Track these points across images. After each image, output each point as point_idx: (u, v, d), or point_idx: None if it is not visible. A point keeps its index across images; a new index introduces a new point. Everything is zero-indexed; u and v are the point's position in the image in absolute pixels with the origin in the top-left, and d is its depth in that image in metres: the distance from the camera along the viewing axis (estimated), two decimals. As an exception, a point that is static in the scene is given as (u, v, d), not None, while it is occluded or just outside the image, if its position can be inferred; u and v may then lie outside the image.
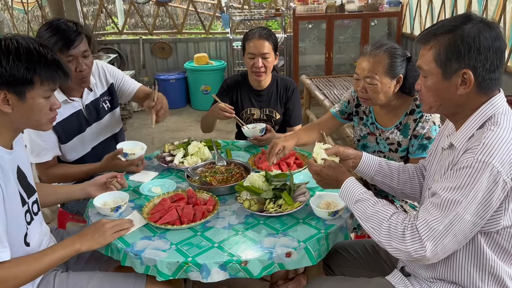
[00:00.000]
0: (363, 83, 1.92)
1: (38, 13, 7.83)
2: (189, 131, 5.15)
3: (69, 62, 1.93)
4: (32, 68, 1.31)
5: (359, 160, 1.66)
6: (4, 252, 1.29)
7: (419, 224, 1.24)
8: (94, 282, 1.52)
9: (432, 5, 5.20)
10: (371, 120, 2.14)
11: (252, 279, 2.47)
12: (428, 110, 1.38)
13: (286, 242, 1.50)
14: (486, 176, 1.16)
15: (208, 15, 6.89)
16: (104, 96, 2.26)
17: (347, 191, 1.46)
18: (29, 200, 1.47)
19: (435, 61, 1.26)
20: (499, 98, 1.28)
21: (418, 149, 1.96)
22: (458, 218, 1.19)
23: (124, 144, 2.11)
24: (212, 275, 1.42)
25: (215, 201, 1.73)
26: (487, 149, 1.18)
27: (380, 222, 1.31)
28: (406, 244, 1.24)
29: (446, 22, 1.27)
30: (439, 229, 1.21)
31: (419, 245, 1.22)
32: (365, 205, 1.39)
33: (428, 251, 1.21)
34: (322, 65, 6.02)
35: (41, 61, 1.33)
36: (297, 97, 2.63)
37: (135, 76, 6.28)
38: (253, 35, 2.45)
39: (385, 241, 1.29)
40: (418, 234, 1.23)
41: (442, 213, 1.21)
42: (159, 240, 1.53)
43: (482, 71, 1.22)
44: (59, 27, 1.92)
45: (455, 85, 1.26)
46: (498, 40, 1.22)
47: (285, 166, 2.05)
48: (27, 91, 1.33)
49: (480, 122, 1.27)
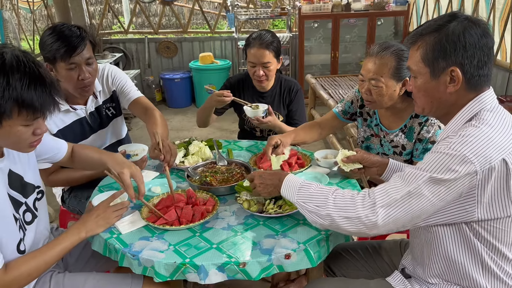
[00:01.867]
0: (368, 84, 1.88)
1: (44, 13, 7.88)
2: (194, 131, 5.14)
3: (71, 70, 1.88)
4: (7, 98, 1.17)
5: (384, 167, 1.65)
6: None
7: (377, 190, 1.25)
8: (90, 283, 1.51)
9: (439, 4, 5.14)
10: (375, 121, 2.11)
11: (253, 281, 2.48)
12: (421, 111, 1.37)
13: (285, 243, 1.48)
14: (456, 162, 1.15)
15: (214, 14, 6.88)
16: (107, 103, 2.22)
17: (289, 183, 1.46)
18: (27, 199, 1.45)
19: (423, 60, 1.27)
20: (487, 94, 1.26)
21: (423, 153, 1.92)
22: (417, 191, 1.19)
23: (125, 147, 2.09)
24: (210, 277, 1.40)
25: (214, 202, 1.71)
26: (463, 141, 1.17)
27: (326, 196, 1.33)
28: (356, 208, 1.25)
29: (432, 22, 1.28)
30: (396, 197, 1.21)
31: (371, 211, 1.22)
32: (309, 187, 1.40)
33: (380, 217, 1.21)
34: (328, 65, 5.99)
35: (21, 88, 1.18)
36: (300, 98, 2.61)
37: (141, 75, 6.29)
38: (254, 44, 2.40)
39: (334, 212, 1.29)
40: (373, 199, 1.23)
41: (402, 183, 1.22)
42: (157, 241, 1.51)
43: (470, 67, 1.21)
44: (63, 33, 1.85)
45: (444, 83, 1.25)
46: (484, 37, 1.21)
47: (287, 167, 2.02)
48: (3, 120, 1.20)
49: (466, 118, 1.26)
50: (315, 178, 1.91)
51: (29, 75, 1.21)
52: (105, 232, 1.56)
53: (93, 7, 8.26)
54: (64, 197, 2.25)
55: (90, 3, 7.51)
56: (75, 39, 1.85)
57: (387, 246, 1.74)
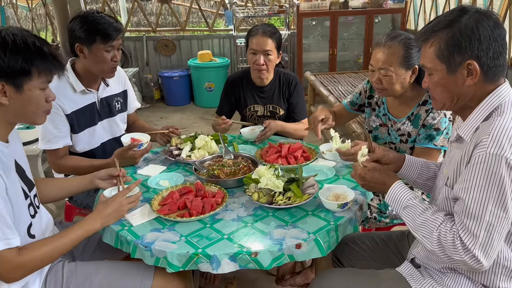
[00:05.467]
0: (378, 74, 1.91)
1: (41, 11, 7.84)
2: (193, 128, 5.15)
3: (107, 52, 2.01)
4: (29, 59, 1.32)
5: (401, 164, 1.62)
6: (15, 239, 1.31)
7: (463, 235, 1.21)
8: (102, 271, 1.53)
9: (437, 1, 5.18)
10: (384, 111, 2.13)
11: (259, 274, 2.50)
12: (441, 106, 1.37)
13: (296, 233, 1.50)
14: (503, 168, 1.15)
15: (211, 13, 6.89)
16: (118, 96, 2.31)
17: (394, 197, 1.43)
18: (30, 193, 1.48)
19: (438, 57, 1.27)
20: (504, 88, 1.28)
21: (425, 138, 1.95)
22: (494, 216, 1.18)
23: (127, 136, 2.10)
24: (222, 266, 1.41)
25: (223, 194, 1.72)
26: (497, 141, 1.17)
27: (430, 231, 1.28)
28: (460, 254, 1.21)
29: (442, 18, 1.28)
30: (482, 234, 1.19)
31: (471, 256, 1.20)
32: (414, 212, 1.35)
33: (482, 260, 1.19)
34: (326, 62, 6.01)
35: (38, 53, 1.34)
36: (300, 91, 2.62)
37: (139, 73, 6.29)
38: (257, 32, 2.44)
39: (438, 251, 1.26)
40: (466, 245, 1.20)
41: (476, 219, 1.19)
42: (169, 232, 1.52)
43: (486, 59, 1.22)
44: (106, 18, 2.01)
45: (462, 77, 1.26)
46: (497, 28, 1.22)
47: (293, 159, 2.04)
48: (25, 82, 1.33)
49: (486, 113, 1.27)
50: (321, 171, 1.93)
51: (39, 39, 1.37)
52: (116, 225, 1.58)
53: (89, 6, 8.24)
54: (72, 190, 2.26)
55: (88, 2, 7.50)
56: (117, 25, 2.03)
57: (395, 237, 1.76)
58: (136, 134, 2.13)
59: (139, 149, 2.02)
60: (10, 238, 1.29)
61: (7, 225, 1.29)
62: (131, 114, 2.47)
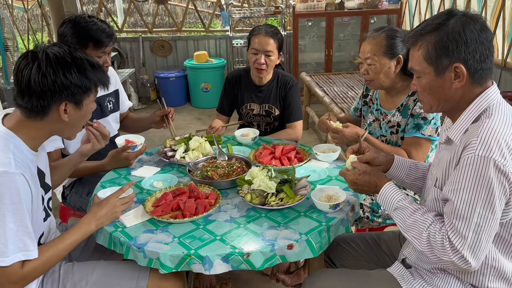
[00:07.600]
0: (365, 65, 2.00)
1: (37, 12, 7.84)
2: (190, 129, 5.16)
3: (99, 58, 2.00)
4: (89, 76, 1.39)
5: (390, 164, 1.64)
6: (35, 251, 1.34)
7: (452, 236, 1.23)
8: (98, 271, 1.54)
9: (432, 2, 5.20)
10: (377, 106, 2.19)
11: (254, 274, 2.51)
12: (429, 109, 1.39)
13: (287, 234, 1.51)
14: (491, 170, 1.17)
15: (208, 13, 6.89)
16: (109, 96, 2.32)
17: (386, 198, 1.45)
18: (45, 196, 1.51)
19: (426, 60, 1.29)
20: (492, 90, 1.29)
21: (413, 128, 1.99)
22: (482, 218, 1.19)
23: (122, 138, 2.13)
24: (214, 267, 1.42)
25: (216, 195, 1.74)
26: (485, 143, 1.19)
27: (420, 232, 1.30)
28: (449, 254, 1.23)
29: (430, 21, 1.29)
30: (470, 235, 1.20)
31: (459, 256, 1.21)
32: (404, 213, 1.37)
33: (471, 260, 1.21)
34: (322, 63, 6.03)
35: (92, 67, 1.40)
36: (295, 93, 2.64)
37: (135, 74, 6.29)
38: (259, 31, 2.48)
39: (428, 252, 1.28)
40: (455, 245, 1.22)
41: (465, 220, 1.21)
42: (162, 234, 1.54)
43: (473, 62, 1.24)
44: (98, 24, 1.98)
45: (449, 80, 1.28)
46: (484, 31, 1.24)
47: (286, 161, 2.05)
48: (84, 98, 1.40)
49: (475, 115, 1.29)
50: (314, 172, 1.95)
51: (82, 53, 1.43)
52: (109, 226, 1.59)
53: (85, 7, 8.25)
54: (65, 193, 2.27)
55: (84, 3, 7.49)
56: (109, 30, 2.01)
57: (386, 238, 1.77)
58: (130, 135, 2.14)
59: (133, 150, 2.03)
60: (30, 250, 1.32)
61: (29, 236, 1.31)
62: (123, 112, 2.49)
